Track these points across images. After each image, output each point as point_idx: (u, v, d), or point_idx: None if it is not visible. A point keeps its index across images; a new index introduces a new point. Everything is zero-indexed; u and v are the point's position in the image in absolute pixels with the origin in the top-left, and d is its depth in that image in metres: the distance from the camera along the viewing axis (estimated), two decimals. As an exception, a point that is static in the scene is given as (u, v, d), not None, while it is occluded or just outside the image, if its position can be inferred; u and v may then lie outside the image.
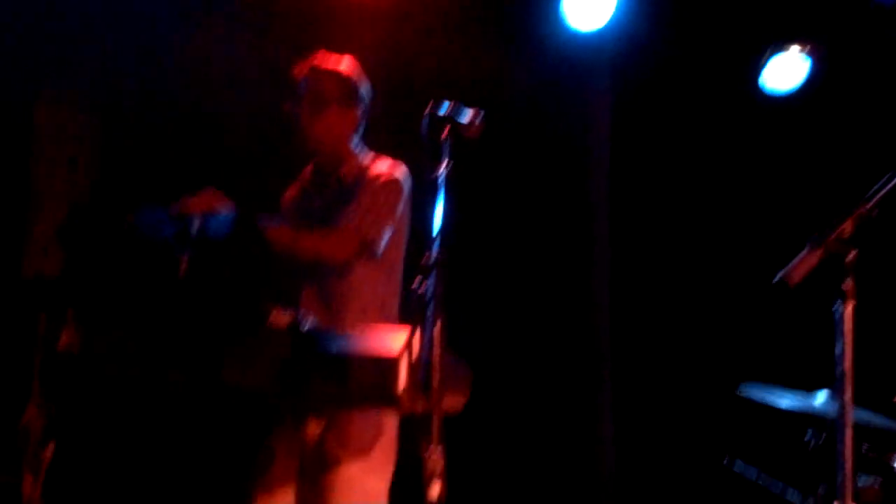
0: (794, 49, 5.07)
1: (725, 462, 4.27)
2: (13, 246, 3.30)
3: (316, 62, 3.54)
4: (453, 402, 2.81)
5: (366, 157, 3.59)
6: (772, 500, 4.21)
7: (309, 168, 3.65)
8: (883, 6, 4.90)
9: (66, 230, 3.08)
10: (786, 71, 5.10)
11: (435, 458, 2.56)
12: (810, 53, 5.13)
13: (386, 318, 3.40)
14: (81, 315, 2.68)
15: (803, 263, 2.01)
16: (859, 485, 3.83)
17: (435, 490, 2.57)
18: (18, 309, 2.79)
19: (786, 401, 3.91)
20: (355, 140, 3.58)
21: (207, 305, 2.70)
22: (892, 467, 3.77)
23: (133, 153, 3.93)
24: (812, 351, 3.81)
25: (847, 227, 2.01)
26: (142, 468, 3.62)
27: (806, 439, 3.95)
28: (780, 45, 5.11)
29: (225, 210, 3.03)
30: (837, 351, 1.97)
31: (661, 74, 5.24)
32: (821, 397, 3.85)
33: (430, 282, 2.61)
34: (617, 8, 4.57)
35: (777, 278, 2.03)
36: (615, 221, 5.42)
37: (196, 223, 2.87)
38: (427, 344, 2.59)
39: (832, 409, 3.78)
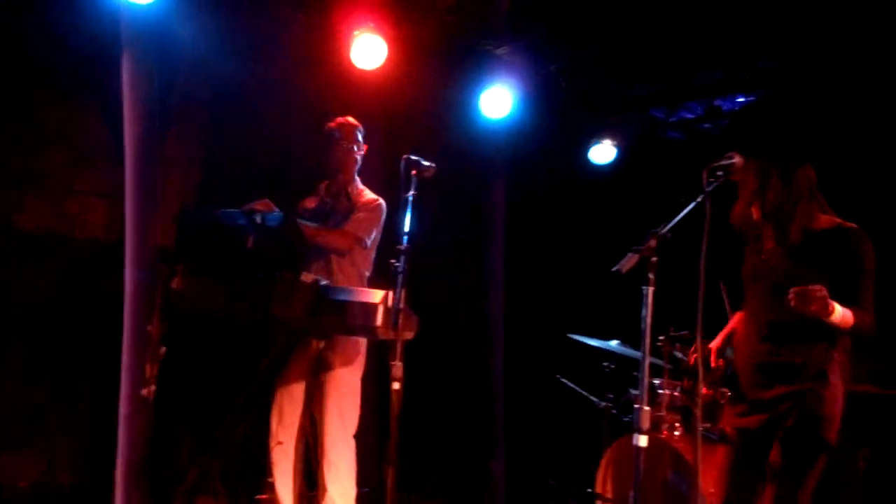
0: (607, 141, 5.38)
1: (558, 377, 4.50)
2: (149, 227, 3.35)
3: (343, 120, 3.62)
4: (408, 334, 2.95)
5: (361, 185, 3.66)
6: (583, 401, 4.39)
7: (324, 184, 3.68)
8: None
9: (179, 217, 3.20)
10: (602, 152, 5.41)
11: (396, 367, 2.76)
12: (616, 144, 5.42)
13: (363, 284, 3.51)
14: (188, 268, 2.82)
15: (629, 262, 2.13)
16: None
17: (396, 385, 2.75)
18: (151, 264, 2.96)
19: (594, 342, 4.06)
20: (356, 170, 3.66)
21: (264, 266, 2.82)
22: (654, 385, 3.83)
23: (222, 173, 3.92)
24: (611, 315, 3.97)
25: (653, 243, 2.15)
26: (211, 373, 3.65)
27: (604, 366, 4.19)
28: (599, 137, 5.40)
29: (276, 211, 3.13)
30: (643, 314, 2.09)
31: (536, 149, 5.42)
32: (614, 342, 4.00)
33: (401, 261, 2.77)
34: (514, 105, 4.73)
35: (614, 269, 2.13)
36: (508, 233, 5.46)
37: (258, 216, 2.99)
38: (396, 298, 2.75)
39: (622, 350, 3.99)
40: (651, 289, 2.09)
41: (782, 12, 4.06)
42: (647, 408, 1.98)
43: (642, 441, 1.93)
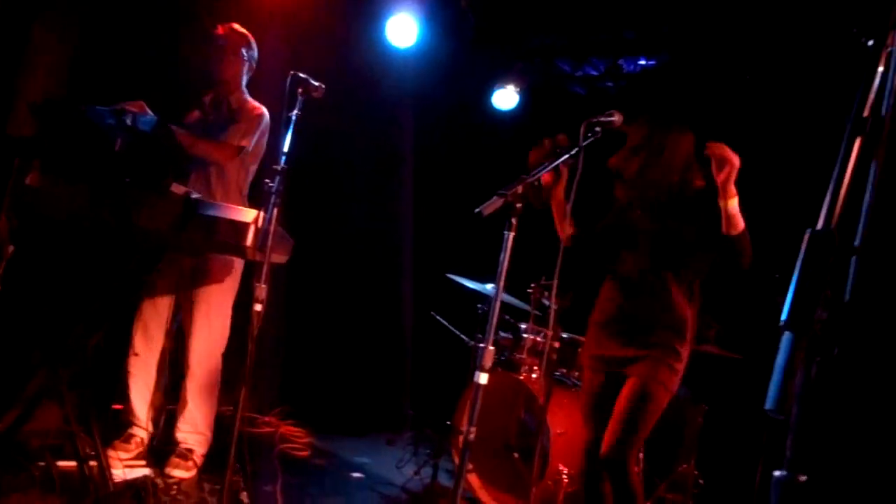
0: (511, 87, 5.39)
1: (433, 314, 4.60)
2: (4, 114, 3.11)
3: (230, 27, 3.44)
4: (280, 258, 2.92)
5: (247, 95, 3.49)
6: (456, 340, 4.53)
7: (209, 96, 3.52)
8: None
9: (40, 109, 2.96)
10: (506, 97, 5.40)
11: (260, 288, 2.72)
12: (519, 91, 5.43)
13: (242, 201, 3.42)
14: (45, 164, 2.59)
15: (492, 205, 2.12)
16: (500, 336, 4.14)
17: (258, 307, 2.73)
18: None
19: (470, 284, 4.14)
20: (243, 82, 3.50)
21: (132, 172, 2.61)
22: (519, 328, 4.08)
23: (97, 72, 3.63)
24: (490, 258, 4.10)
25: (519, 189, 2.15)
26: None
27: (478, 308, 4.25)
28: (503, 82, 5.40)
29: (150, 114, 2.97)
30: (501, 258, 2.10)
31: (443, 84, 5.38)
32: (488, 286, 4.06)
33: (276, 182, 2.72)
34: (420, 36, 4.64)
35: (476, 211, 2.12)
36: (416, 167, 5.53)
37: (129, 118, 2.81)
38: (267, 219, 2.69)
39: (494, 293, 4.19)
40: (512, 234, 2.12)
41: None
42: (490, 347, 2.03)
43: (482, 378, 1.99)
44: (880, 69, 1.01)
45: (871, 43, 1.03)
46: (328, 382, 4.96)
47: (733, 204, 2.50)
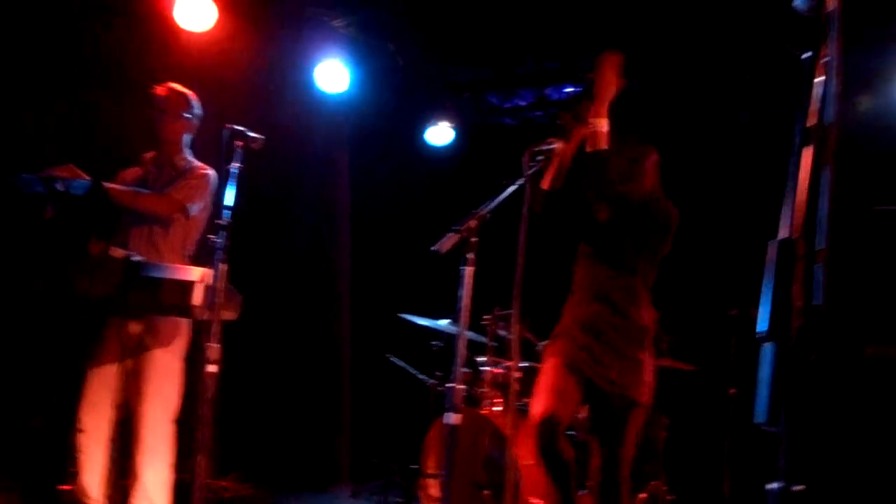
0: (444, 123, 5.46)
1: (388, 356, 4.53)
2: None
3: (170, 88, 3.37)
4: (229, 315, 2.81)
5: (190, 156, 3.43)
6: (413, 380, 4.47)
7: (151, 154, 3.43)
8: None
9: None
10: (440, 133, 5.45)
11: (213, 348, 2.62)
12: (453, 126, 5.46)
13: (187, 259, 3.32)
14: None
15: (448, 241, 2.12)
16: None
17: (212, 368, 2.63)
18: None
19: (424, 322, 4.11)
20: (186, 142, 3.42)
21: (67, 239, 2.61)
22: (476, 362, 4.03)
23: (18, 137, 3.56)
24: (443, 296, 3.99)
25: (473, 223, 2.15)
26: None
27: (433, 345, 4.25)
28: (436, 119, 5.47)
29: (83, 177, 2.87)
30: (460, 294, 2.08)
31: (375, 127, 5.43)
32: (443, 322, 4.03)
33: (221, 238, 2.64)
34: (351, 81, 4.65)
35: (432, 249, 2.10)
36: (354, 211, 5.51)
37: (60, 184, 2.73)
38: (214, 277, 2.63)
39: (452, 329, 3.99)
40: (470, 269, 2.10)
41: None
42: (459, 386, 2.01)
43: (454, 419, 1.96)
44: (819, 79, 1.04)
45: (806, 55, 1.07)
46: (284, 439, 4.83)
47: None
